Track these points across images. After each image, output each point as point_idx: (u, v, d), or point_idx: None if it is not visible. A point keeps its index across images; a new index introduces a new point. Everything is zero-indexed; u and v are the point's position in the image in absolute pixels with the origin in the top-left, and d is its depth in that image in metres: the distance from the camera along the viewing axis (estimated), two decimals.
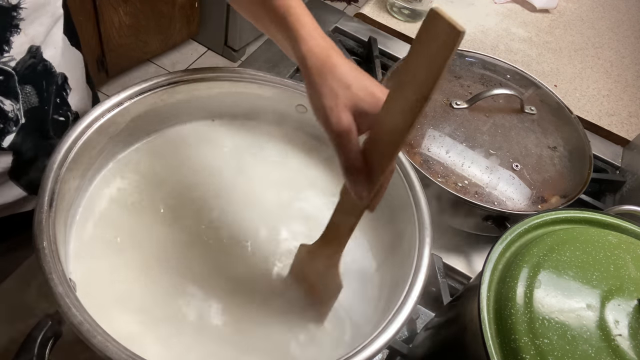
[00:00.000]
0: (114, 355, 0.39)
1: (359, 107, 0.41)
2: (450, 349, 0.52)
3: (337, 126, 0.41)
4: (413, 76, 0.35)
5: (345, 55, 0.44)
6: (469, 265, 0.73)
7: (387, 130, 0.39)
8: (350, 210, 0.46)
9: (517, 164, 0.72)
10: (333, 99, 0.41)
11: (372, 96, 0.41)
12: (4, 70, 0.51)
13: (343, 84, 0.42)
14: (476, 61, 0.87)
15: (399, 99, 0.38)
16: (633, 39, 1.19)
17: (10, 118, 0.55)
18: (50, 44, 0.56)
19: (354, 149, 0.41)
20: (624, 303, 0.41)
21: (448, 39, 0.32)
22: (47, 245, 0.43)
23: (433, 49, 0.33)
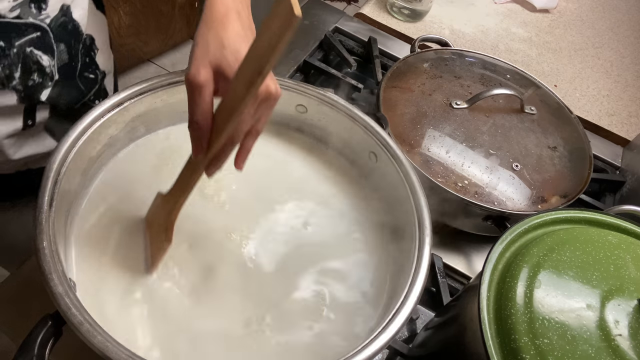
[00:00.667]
0: (114, 355, 0.39)
1: (222, 69, 0.42)
2: (450, 349, 0.52)
3: (193, 78, 0.42)
4: (254, 50, 0.38)
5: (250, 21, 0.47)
6: (469, 265, 0.73)
7: (231, 98, 0.41)
8: (192, 169, 0.48)
9: (517, 164, 0.72)
10: (202, 52, 0.43)
11: (238, 63, 0.42)
12: (41, 26, 0.55)
13: (219, 43, 0.43)
14: (476, 61, 0.87)
15: (244, 72, 0.39)
16: (633, 39, 1.19)
17: (47, 73, 0.58)
18: (78, 5, 0.59)
19: (203, 105, 0.42)
20: (624, 303, 0.41)
21: (286, 21, 0.33)
22: (47, 245, 0.43)
23: (274, 28, 0.35)
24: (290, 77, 0.88)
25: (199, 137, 0.43)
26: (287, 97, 0.63)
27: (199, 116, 0.42)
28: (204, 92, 0.42)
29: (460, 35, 1.08)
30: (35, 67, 0.57)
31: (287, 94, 0.63)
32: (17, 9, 0.51)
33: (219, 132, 0.42)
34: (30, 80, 0.57)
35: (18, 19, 0.52)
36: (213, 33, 0.44)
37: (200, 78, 0.42)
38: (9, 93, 0.56)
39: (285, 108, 0.64)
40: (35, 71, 0.57)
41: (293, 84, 0.62)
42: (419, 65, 0.83)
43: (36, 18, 0.54)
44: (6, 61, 0.53)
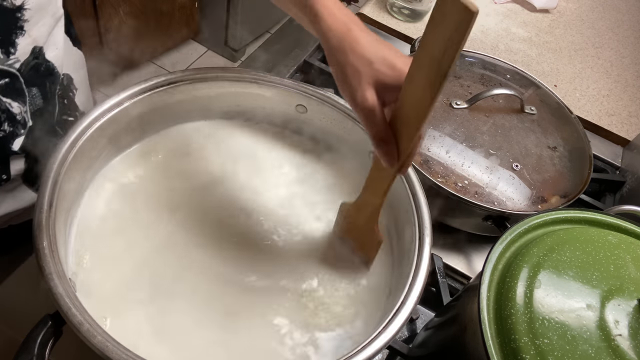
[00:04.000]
0: (114, 355, 0.39)
1: (382, 82, 0.42)
2: (450, 349, 0.52)
3: (363, 104, 0.42)
4: (431, 56, 0.36)
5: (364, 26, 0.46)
6: (469, 265, 0.73)
7: (411, 102, 0.41)
8: (383, 175, 0.48)
9: (517, 164, 0.72)
10: (356, 77, 0.42)
11: (393, 69, 0.42)
12: (9, 72, 0.51)
13: (365, 61, 0.42)
14: (476, 61, 0.87)
15: (420, 76, 0.39)
16: (633, 39, 1.19)
17: (19, 121, 0.55)
18: (52, 45, 0.56)
19: (381, 123, 0.43)
20: (624, 303, 0.41)
21: (462, 20, 0.32)
22: (47, 245, 0.43)
23: (448, 30, 0.34)
24: (290, 77, 0.88)
25: (389, 151, 0.43)
26: (287, 97, 0.63)
27: (381, 134, 0.43)
28: (377, 112, 0.42)
29: None
30: (5, 115, 0.53)
31: (287, 94, 0.63)
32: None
33: (408, 136, 0.42)
34: (1, 131, 0.53)
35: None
36: (351, 54, 0.43)
37: (369, 102, 0.42)
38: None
39: (285, 108, 0.64)
40: (4, 120, 0.53)
41: (293, 84, 0.62)
42: None
43: (4, 63, 0.50)
44: None
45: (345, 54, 0.43)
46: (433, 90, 0.38)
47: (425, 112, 0.40)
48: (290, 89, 0.62)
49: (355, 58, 0.43)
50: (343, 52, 0.43)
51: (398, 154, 0.44)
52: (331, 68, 0.45)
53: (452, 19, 0.33)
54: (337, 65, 0.44)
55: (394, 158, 0.44)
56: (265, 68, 0.88)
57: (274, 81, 0.62)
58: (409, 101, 0.41)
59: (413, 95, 0.40)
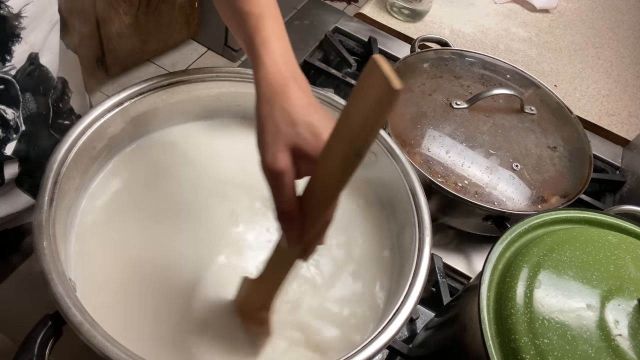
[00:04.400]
0: (114, 355, 0.39)
1: (301, 149, 0.38)
2: (450, 349, 0.52)
3: (272, 166, 0.38)
4: (349, 129, 0.32)
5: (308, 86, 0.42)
6: (469, 265, 0.73)
7: (324, 179, 0.36)
8: (283, 258, 0.42)
9: (517, 164, 0.72)
10: (273, 135, 0.38)
11: (317, 137, 0.38)
12: (5, 79, 0.51)
13: (289, 120, 0.38)
14: (476, 61, 0.87)
15: (336, 150, 0.34)
16: (633, 39, 1.19)
17: (11, 126, 0.54)
18: (47, 50, 0.55)
19: (288, 193, 0.38)
20: (624, 303, 0.41)
21: (383, 96, 0.28)
22: (47, 245, 0.43)
23: (368, 103, 0.30)
24: None
25: (292, 227, 0.38)
26: None
27: (285, 205, 0.38)
28: (286, 179, 0.38)
29: (460, 35, 1.08)
30: None
31: None
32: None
33: (315, 216, 0.38)
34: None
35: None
36: (278, 110, 0.39)
37: (279, 165, 0.37)
38: None
39: None
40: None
41: None
42: (419, 65, 0.83)
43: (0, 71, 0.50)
44: None
45: (272, 108, 0.39)
46: (345, 171, 0.33)
47: (334, 194, 0.35)
48: None
49: (280, 115, 0.39)
50: (270, 105, 0.39)
51: (302, 235, 0.38)
52: (256, 120, 0.40)
53: (373, 92, 0.29)
54: (260, 117, 0.40)
55: (295, 238, 0.39)
56: None
57: None
58: (321, 178, 0.36)
59: (327, 170, 0.35)
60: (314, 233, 0.39)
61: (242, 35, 0.45)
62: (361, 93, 0.30)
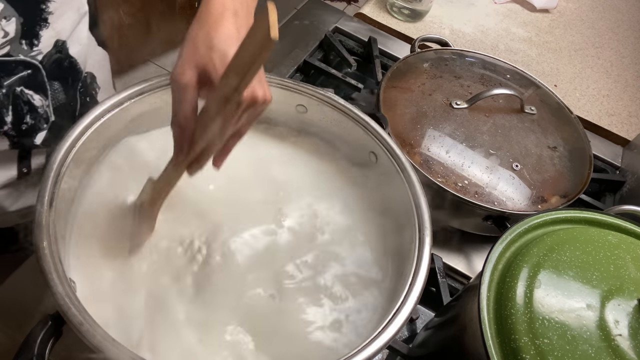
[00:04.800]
0: (114, 355, 0.39)
1: (208, 72, 0.41)
2: (450, 349, 0.52)
3: (177, 77, 0.41)
4: (236, 62, 0.36)
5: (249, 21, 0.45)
6: (469, 265, 0.73)
7: (212, 105, 0.40)
8: (171, 168, 0.48)
9: (517, 164, 0.72)
10: (189, 52, 0.42)
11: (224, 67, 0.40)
12: (32, 63, 0.52)
13: (208, 44, 0.41)
14: (476, 61, 0.87)
15: (224, 81, 0.38)
16: (633, 39, 1.19)
17: (41, 114, 0.55)
18: (76, 40, 0.56)
19: (186, 108, 0.42)
20: (624, 303, 0.41)
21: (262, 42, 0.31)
22: (47, 245, 0.43)
23: (252, 46, 0.33)
24: (290, 77, 0.88)
25: (180, 138, 0.43)
26: (287, 97, 0.63)
27: (180, 117, 0.42)
28: (186, 94, 0.41)
29: (460, 35, 1.08)
30: (27, 108, 0.53)
31: (287, 94, 0.63)
32: (7, 46, 0.48)
33: (201, 135, 0.42)
34: (23, 124, 0.53)
35: (7, 57, 0.49)
36: (203, 33, 0.42)
37: (184, 79, 0.41)
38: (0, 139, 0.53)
39: (285, 108, 0.64)
40: (27, 113, 0.53)
41: (293, 84, 0.62)
42: (419, 65, 0.83)
43: (27, 55, 0.50)
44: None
45: (200, 29, 0.42)
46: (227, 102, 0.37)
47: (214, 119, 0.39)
48: (290, 89, 0.62)
49: (203, 38, 0.42)
50: (200, 27, 0.42)
51: (189, 148, 0.43)
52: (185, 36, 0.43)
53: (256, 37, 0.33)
54: (187, 35, 0.43)
55: (181, 148, 0.43)
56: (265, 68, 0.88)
57: (274, 81, 0.62)
58: (212, 103, 0.40)
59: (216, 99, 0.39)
60: (199, 149, 0.43)
61: None
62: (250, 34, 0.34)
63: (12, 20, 0.47)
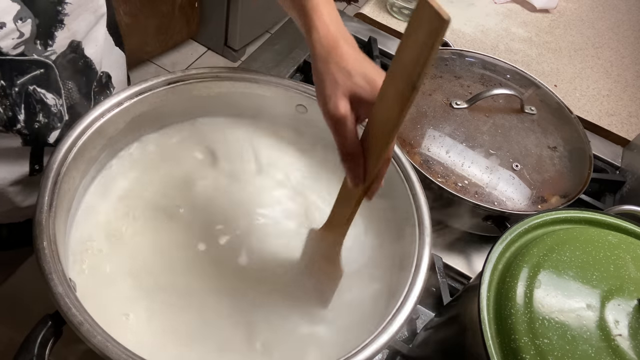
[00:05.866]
0: (114, 355, 0.39)
1: (358, 95, 0.42)
2: (450, 349, 0.52)
3: (334, 113, 0.42)
4: (403, 66, 0.36)
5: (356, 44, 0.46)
6: (469, 265, 0.73)
7: (381, 119, 0.40)
8: (349, 198, 0.47)
9: (517, 164, 0.72)
10: (333, 86, 0.43)
11: (371, 84, 0.42)
12: (45, 63, 0.52)
13: (345, 73, 0.43)
14: (476, 61, 0.87)
15: (391, 89, 0.38)
16: (633, 39, 1.19)
17: (54, 113, 0.56)
18: (92, 41, 0.57)
19: (350, 136, 0.42)
20: (624, 303, 0.41)
21: (434, 27, 0.32)
22: (47, 245, 0.43)
23: (420, 38, 0.33)
24: (290, 77, 0.88)
25: (355, 167, 0.43)
26: (287, 97, 0.63)
27: (350, 148, 0.42)
28: (348, 124, 0.42)
29: (460, 35, 1.08)
30: (39, 106, 0.54)
31: (287, 94, 0.63)
32: (22, 46, 0.49)
33: (376, 155, 0.42)
34: (36, 122, 0.54)
35: (21, 56, 0.50)
36: (334, 66, 0.43)
37: (341, 111, 0.42)
38: (12, 136, 0.54)
39: (285, 108, 0.64)
40: (39, 111, 0.54)
41: (293, 84, 0.62)
42: None
43: (41, 55, 0.51)
44: (8, 102, 0.51)
45: (327, 65, 0.44)
46: (402, 104, 0.37)
47: (393, 129, 0.39)
48: (290, 89, 0.62)
49: (336, 69, 0.43)
50: (326, 63, 0.44)
51: (365, 174, 0.43)
52: (314, 77, 0.45)
53: (425, 27, 0.33)
54: (318, 74, 0.44)
55: (359, 177, 0.43)
56: (265, 68, 0.88)
57: (274, 81, 0.62)
58: (380, 118, 0.40)
59: (384, 110, 0.40)
60: (375, 171, 0.43)
61: (291, 3, 0.49)
62: (413, 30, 0.34)
63: (28, 21, 0.48)
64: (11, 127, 0.53)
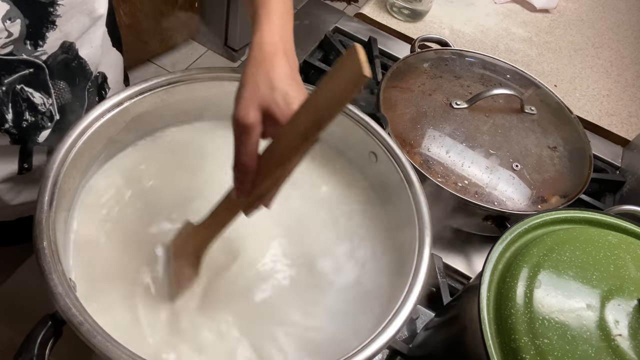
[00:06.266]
0: (114, 355, 0.39)
1: (272, 111, 0.41)
2: (450, 349, 0.52)
3: (243, 119, 0.41)
4: (315, 101, 0.36)
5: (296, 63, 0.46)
6: (469, 265, 0.73)
7: (283, 143, 0.40)
8: (229, 206, 0.46)
9: (517, 164, 0.72)
10: (251, 93, 0.42)
11: (288, 105, 0.41)
12: (35, 63, 0.52)
13: (269, 84, 0.42)
14: (476, 61, 0.87)
15: (300, 120, 0.38)
16: (633, 39, 1.19)
17: (43, 112, 0.55)
18: (87, 42, 0.57)
19: (251, 148, 0.42)
20: (624, 303, 0.41)
21: (353, 79, 0.32)
22: (47, 245, 0.43)
23: (339, 83, 0.34)
24: None
25: (244, 178, 0.42)
26: None
27: (245, 157, 0.42)
28: (252, 134, 0.41)
29: (460, 35, 1.08)
30: (26, 105, 0.53)
31: None
32: (10, 46, 0.49)
33: (266, 175, 0.42)
34: (24, 121, 0.54)
35: (9, 56, 0.49)
36: (262, 73, 0.43)
37: (249, 119, 0.41)
38: (1, 136, 0.53)
39: None
40: (25, 109, 0.54)
41: None
42: (419, 65, 0.83)
43: (31, 55, 0.51)
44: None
45: (257, 70, 0.43)
46: (306, 141, 0.37)
47: (291, 158, 0.39)
48: None
49: (263, 78, 0.42)
50: (257, 67, 0.43)
51: (251, 189, 0.43)
52: (241, 77, 0.44)
53: (346, 75, 0.33)
54: (245, 75, 0.43)
55: (244, 189, 0.43)
56: None
57: None
58: (282, 142, 0.40)
59: (288, 136, 0.39)
60: (262, 190, 0.43)
61: (251, 6, 0.48)
62: (337, 73, 0.34)
63: (17, 21, 0.47)
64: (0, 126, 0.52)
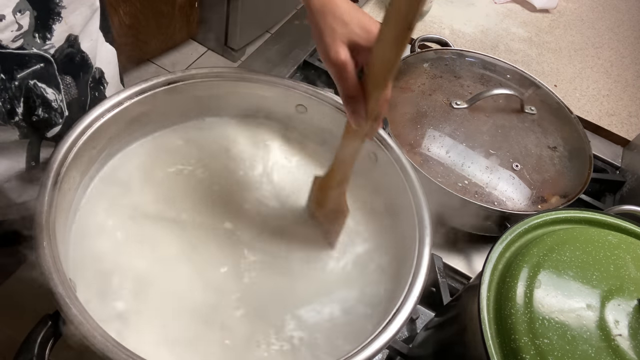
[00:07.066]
0: (114, 355, 0.39)
1: (355, 42, 0.45)
2: (450, 349, 0.52)
3: (335, 59, 0.45)
4: (397, 10, 0.39)
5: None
6: (469, 265, 0.73)
7: (379, 61, 0.43)
8: (352, 140, 0.50)
9: (517, 164, 0.72)
10: (331, 35, 0.46)
11: (367, 31, 0.45)
12: (45, 57, 0.53)
13: (341, 22, 0.46)
14: (476, 61, 0.87)
15: (387, 33, 0.41)
16: (633, 39, 1.19)
17: (55, 109, 0.56)
18: (87, 36, 0.57)
19: (351, 80, 0.45)
20: (624, 303, 0.41)
21: None
22: (47, 245, 0.43)
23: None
24: (290, 77, 0.88)
25: (357, 108, 0.46)
26: (287, 97, 0.63)
27: (352, 90, 0.45)
28: (348, 68, 0.45)
29: (460, 35, 1.08)
30: (40, 101, 0.54)
31: (287, 94, 0.63)
32: (20, 39, 0.49)
33: (375, 96, 0.45)
34: (35, 115, 0.54)
35: (21, 50, 0.50)
36: (330, 16, 0.46)
37: (341, 57, 0.45)
38: (10, 129, 0.54)
39: (285, 108, 0.64)
40: (39, 106, 0.54)
41: (293, 84, 0.62)
42: (419, 65, 0.83)
43: (40, 48, 0.51)
44: (7, 95, 0.51)
45: (324, 16, 0.46)
46: (398, 45, 0.40)
47: (391, 69, 0.42)
48: (290, 89, 0.62)
49: (333, 20, 0.46)
50: (323, 14, 0.46)
51: (366, 114, 0.46)
52: (312, 31, 0.47)
53: None
54: (316, 26, 0.47)
55: (361, 117, 0.46)
56: (265, 68, 0.88)
57: (274, 81, 0.62)
58: (378, 61, 0.43)
59: (381, 54, 0.43)
60: (375, 112, 0.47)
61: None
62: None
63: (27, 13, 0.48)
64: (10, 119, 0.53)
